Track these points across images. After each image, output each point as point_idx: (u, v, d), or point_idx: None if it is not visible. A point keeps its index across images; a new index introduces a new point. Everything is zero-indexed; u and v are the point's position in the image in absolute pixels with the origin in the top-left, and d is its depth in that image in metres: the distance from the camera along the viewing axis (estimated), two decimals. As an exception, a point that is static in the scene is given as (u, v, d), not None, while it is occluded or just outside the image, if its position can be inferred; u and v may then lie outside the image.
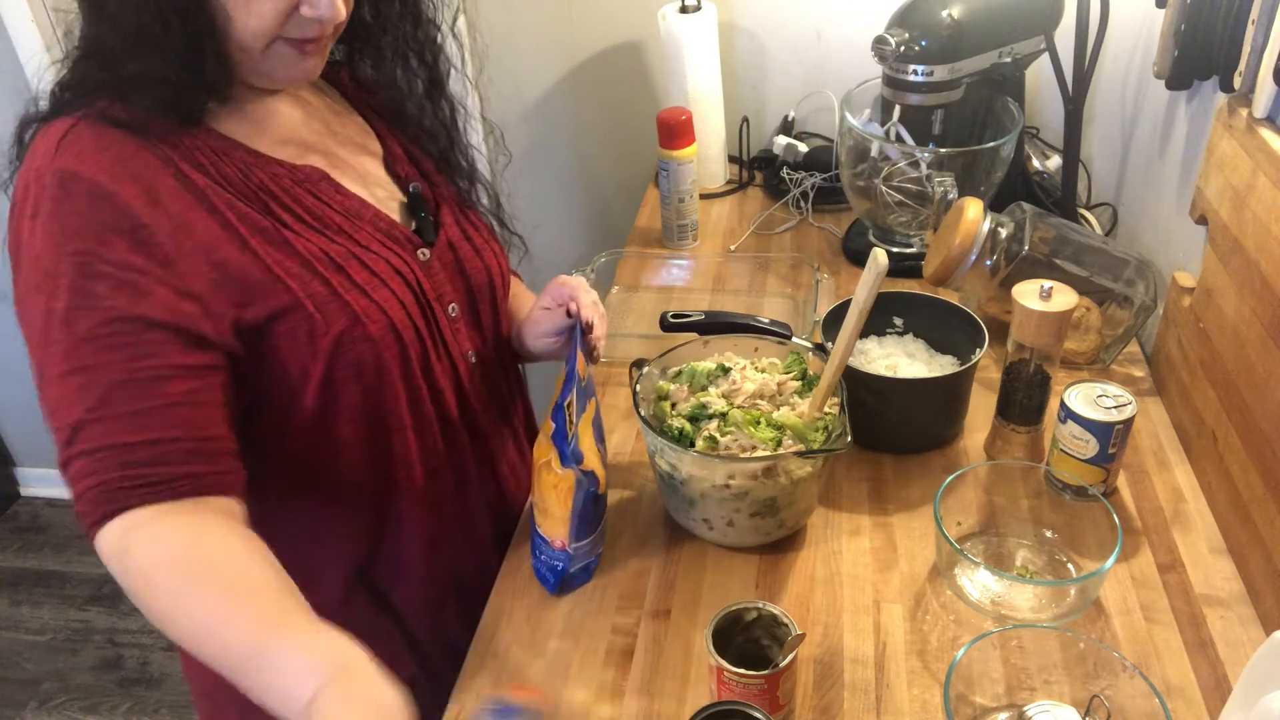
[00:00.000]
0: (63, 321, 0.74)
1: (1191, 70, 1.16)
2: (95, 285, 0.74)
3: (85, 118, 0.76)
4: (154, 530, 0.73)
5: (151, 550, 0.73)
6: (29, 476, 2.72)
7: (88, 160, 0.74)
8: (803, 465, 0.92)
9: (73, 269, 0.73)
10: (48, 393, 0.76)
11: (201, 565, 0.72)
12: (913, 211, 1.35)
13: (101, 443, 0.74)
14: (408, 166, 0.98)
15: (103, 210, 0.74)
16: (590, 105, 1.83)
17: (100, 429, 0.74)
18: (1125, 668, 0.77)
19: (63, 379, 0.75)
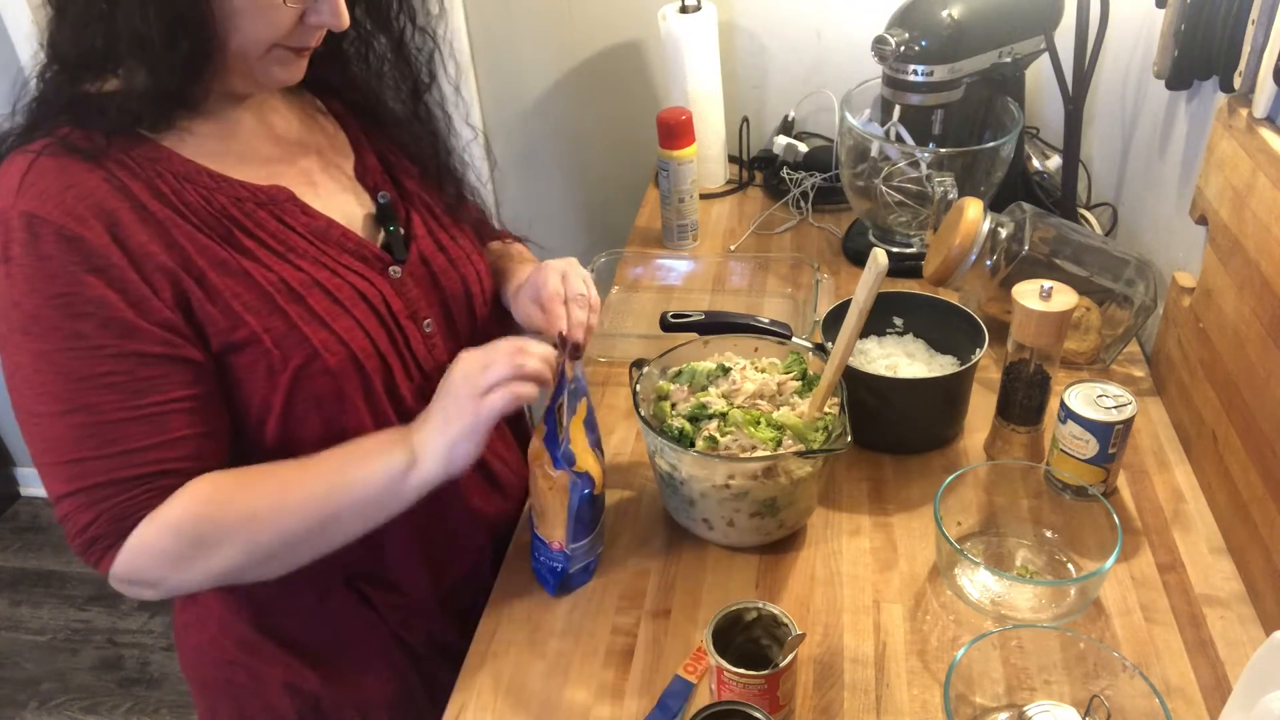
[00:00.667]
0: (54, 363, 0.75)
1: (1191, 70, 1.16)
2: (81, 325, 0.75)
3: (46, 150, 0.76)
4: (182, 500, 0.78)
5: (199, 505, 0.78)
6: (29, 476, 2.72)
7: (49, 202, 0.74)
8: (803, 465, 0.92)
9: (55, 311, 0.74)
10: (43, 430, 0.77)
11: (245, 486, 0.80)
12: (913, 211, 1.35)
13: (111, 477, 0.76)
14: (379, 176, 0.96)
15: (72, 252, 0.74)
16: (590, 105, 1.83)
17: (107, 464, 0.76)
18: (1125, 668, 0.77)
19: (60, 417, 0.76)
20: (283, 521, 0.80)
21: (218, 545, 0.78)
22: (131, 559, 0.78)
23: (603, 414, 1.19)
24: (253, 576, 0.83)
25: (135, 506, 0.77)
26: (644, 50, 1.75)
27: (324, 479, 0.81)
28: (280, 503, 0.80)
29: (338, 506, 0.81)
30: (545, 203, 1.97)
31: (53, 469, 0.77)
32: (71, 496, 0.77)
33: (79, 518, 0.77)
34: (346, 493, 0.81)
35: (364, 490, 0.81)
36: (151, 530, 0.77)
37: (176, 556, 0.78)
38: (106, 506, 0.77)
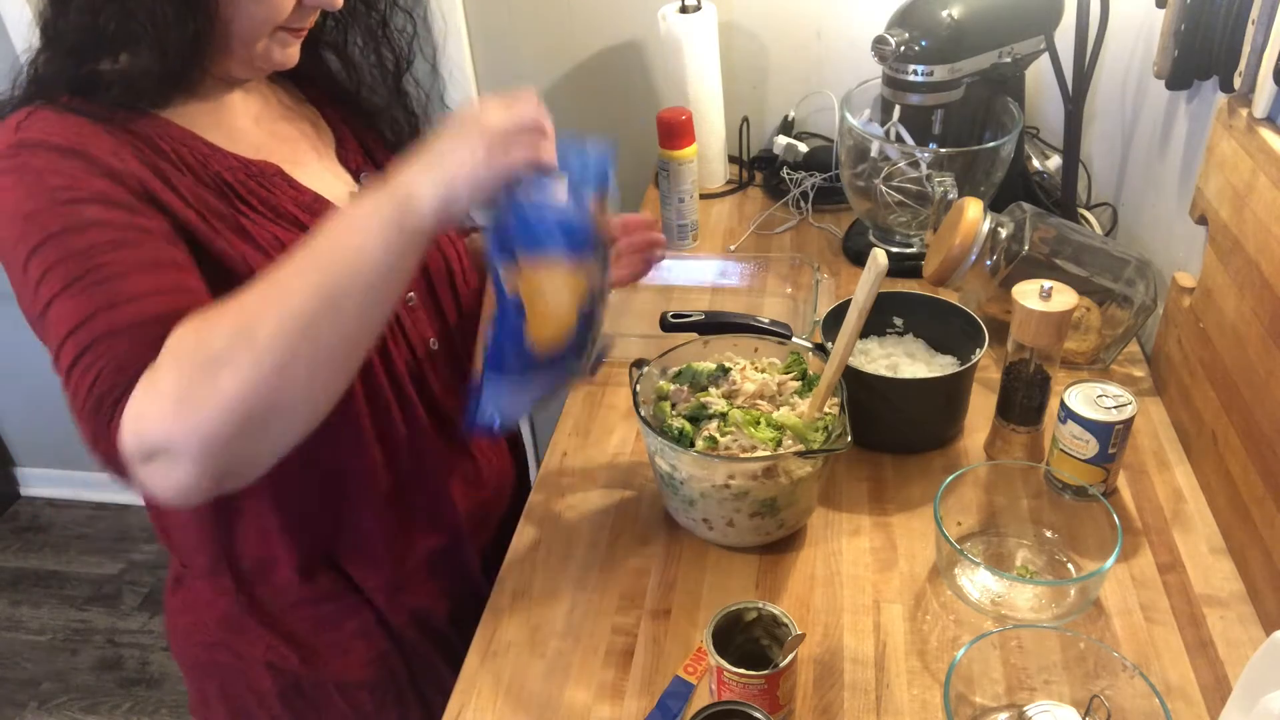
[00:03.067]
0: (57, 247, 0.70)
1: (1191, 70, 1.16)
2: (85, 210, 0.72)
3: (42, 105, 0.76)
4: (173, 335, 0.67)
5: (187, 330, 0.67)
6: (29, 476, 2.72)
7: (51, 129, 0.74)
8: (803, 465, 0.92)
9: (56, 204, 0.71)
10: (54, 317, 0.70)
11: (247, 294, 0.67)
12: (913, 211, 1.35)
13: (110, 327, 0.69)
14: (359, 158, 0.98)
15: (73, 161, 0.73)
16: (590, 105, 1.83)
17: (107, 317, 0.69)
18: (1125, 668, 0.77)
19: (65, 294, 0.69)
20: (277, 312, 0.65)
21: (219, 361, 0.64)
22: (134, 413, 0.65)
23: (603, 414, 1.19)
24: (276, 407, 0.66)
25: (136, 353, 0.67)
26: (644, 50, 1.75)
27: (308, 258, 0.67)
28: (268, 294, 0.66)
29: (335, 282, 0.66)
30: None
31: (62, 351, 0.69)
32: (76, 364, 0.68)
33: (83, 381, 0.68)
34: (340, 263, 0.66)
35: (358, 254, 0.66)
36: (151, 374, 0.66)
37: (181, 393, 0.64)
38: (107, 360, 0.68)
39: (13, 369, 2.45)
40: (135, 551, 2.53)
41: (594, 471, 1.11)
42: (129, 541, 2.56)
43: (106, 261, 0.71)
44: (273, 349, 0.64)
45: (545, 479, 1.11)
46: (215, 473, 0.66)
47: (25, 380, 2.47)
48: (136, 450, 0.66)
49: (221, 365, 0.64)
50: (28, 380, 2.47)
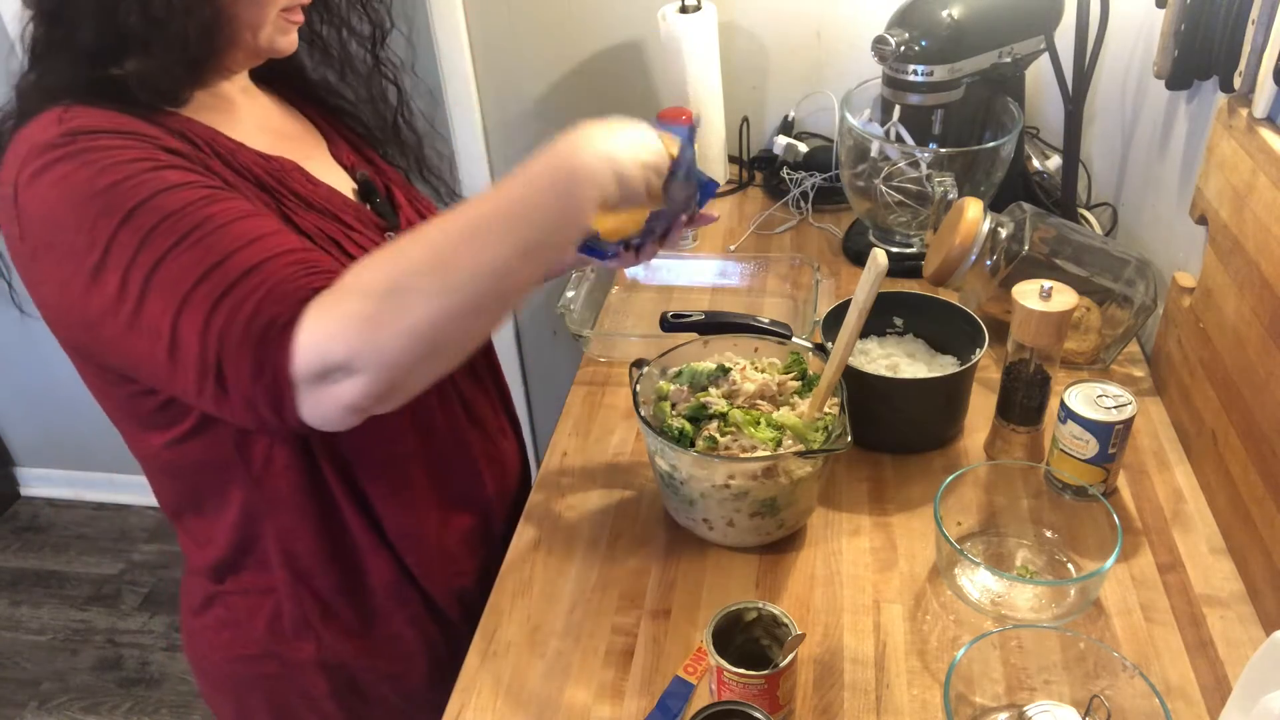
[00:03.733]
0: (152, 209, 0.69)
1: (1191, 70, 1.16)
2: (168, 175, 0.71)
3: (74, 103, 0.75)
4: (354, 266, 0.70)
5: (373, 261, 0.70)
6: (29, 476, 2.72)
7: (97, 119, 0.73)
8: (803, 465, 0.92)
9: (137, 171, 0.70)
10: (165, 275, 0.69)
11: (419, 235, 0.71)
12: (913, 211, 1.35)
13: (261, 257, 0.70)
14: (351, 154, 0.98)
15: (134, 139, 0.72)
16: (590, 105, 1.83)
17: (248, 253, 0.70)
18: (1125, 668, 0.77)
19: (178, 248, 0.69)
20: (477, 256, 0.69)
21: (411, 290, 0.68)
22: (317, 332, 0.67)
23: (603, 414, 1.19)
24: (453, 337, 0.71)
25: (293, 279, 0.70)
26: (644, 50, 1.75)
27: (511, 211, 0.72)
28: (468, 238, 0.70)
29: (535, 238, 0.71)
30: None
31: (190, 306, 0.68)
32: (220, 304, 0.68)
33: (237, 315, 0.68)
34: (541, 222, 0.72)
35: (558, 215, 0.73)
36: (330, 298, 0.68)
37: (366, 316, 0.67)
38: (264, 290, 0.68)
39: (13, 369, 2.46)
40: (135, 551, 2.53)
41: (594, 471, 1.11)
42: (129, 541, 2.56)
43: (213, 213, 0.71)
44: (465, 287, 0.69)
45: (545, 479, 1.11)
46: (383, 392, 0.69)
47: (25, 380, 2.47)
48: (317, 368, 0.67)
49: (413, 294, 0.67)
50: (28, 380, 2.47)
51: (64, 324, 0.76)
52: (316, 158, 0.94)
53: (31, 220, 0.71)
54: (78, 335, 0.76)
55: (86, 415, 2.47)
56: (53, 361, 2.39)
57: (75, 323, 0.74)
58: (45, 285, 0.74)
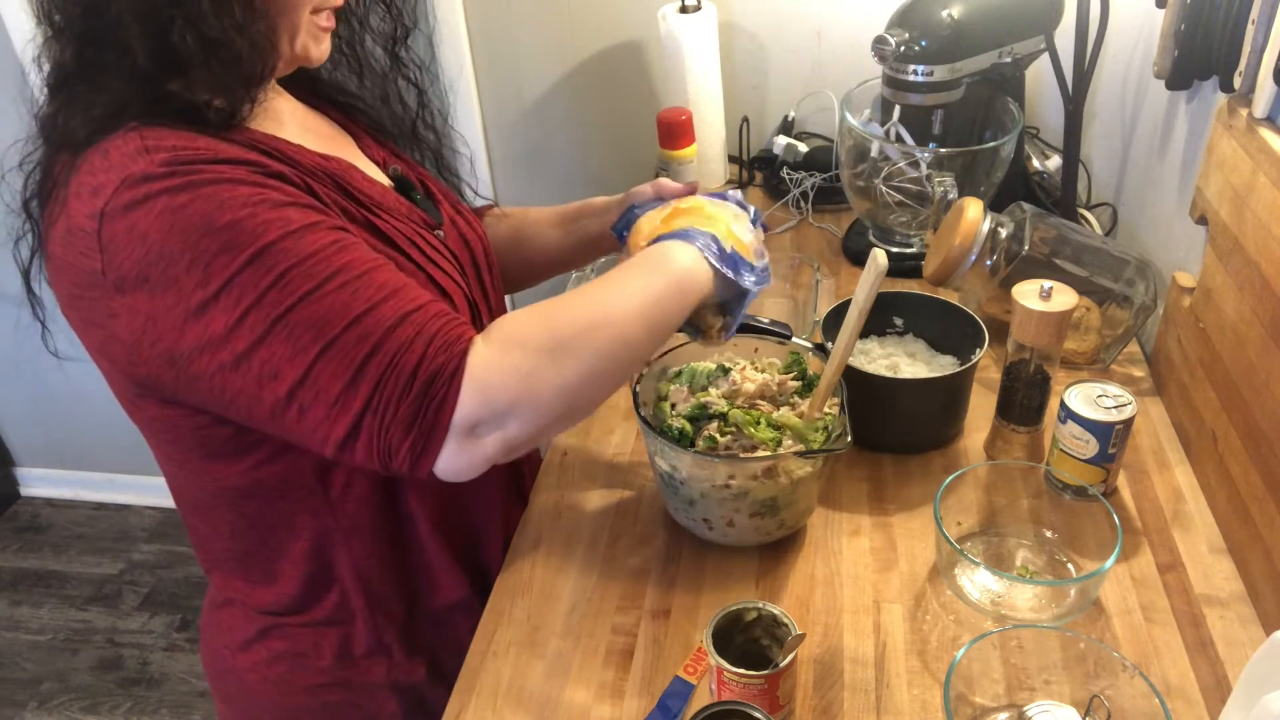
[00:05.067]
0: (281, 252, 0.68)
1: (1191, 70, 1.16)
2: (288, 213, 0.71)
3: (143, 124, 0.72)
4: (512, 319, 0.76)
5: (535, 317, 0.76)
6: (29, 476, 2.72)
7: (184, 142, 0.71)
8: (803, 465, 0.92)
9: (257, 209, 0.69)
10: (299, 321, 0.69)
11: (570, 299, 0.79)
12: (913, 211, 1.35)
13: (411, 305, 0.72)
14: (380, 150, 0.98)
15: (241, 168, 0.71)
16: (590, 105, 1.83)
17: (396, 303, 0.71)
18: (1125, 668, 0.77)
19: (315, 296, 0.69)
20: (617, 328, 0.77)
21: (566, 354, 0.74)
22: (482, 383, 0.70)
23: (603, 414, 1.19)
24: (588, 398, 0.78)
25: (456, 329, 0.72)
26: (644, 50, 1.75)
27: (647, 291, 0.80)
28: (609, 309, 0.78)
29: (661, 319, 0.81)
30: (545, 202, 1.95)
31: (334, 351, 0.68)
32: (376, 354, 0.69)
33: (404, 366, 0.69)
34: (667, 306, 0.81)
35: (678, 301, 0.82)
36: (492, 350, 0.72)
37: (529, 371, 0.72)
38: (428, 335, 0.70)
39: (13, 369, 2.45)
40: (135, 551, 2.53)
41: (594, 471, 1.11)
42: (129, 541, 2.56)
43: (350, 261, 0.71)
44: (605, 353, 0.76)
45: (545, 479, 1.11)
46: (524, 444, 0.75)
47: (25, 380, 2.47)
48: (480, 416, 0.71)
49: (569, 356, 0.74)
50: (28, 380, 2.47)
51: (138, 359, 0.72)
52: (357, 156, 0.93)
53: (121, 252, 0.68)
54: (154, 369, 0.72)
55: (86, 415, 2.49)
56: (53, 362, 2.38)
57: (156, 356, 0.71)
58: (124, 318, 0.71)
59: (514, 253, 1.13)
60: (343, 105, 0.99)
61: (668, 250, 0.84)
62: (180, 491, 0.89)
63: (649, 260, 0.83)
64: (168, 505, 2.56)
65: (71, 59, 0.74)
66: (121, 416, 0.87)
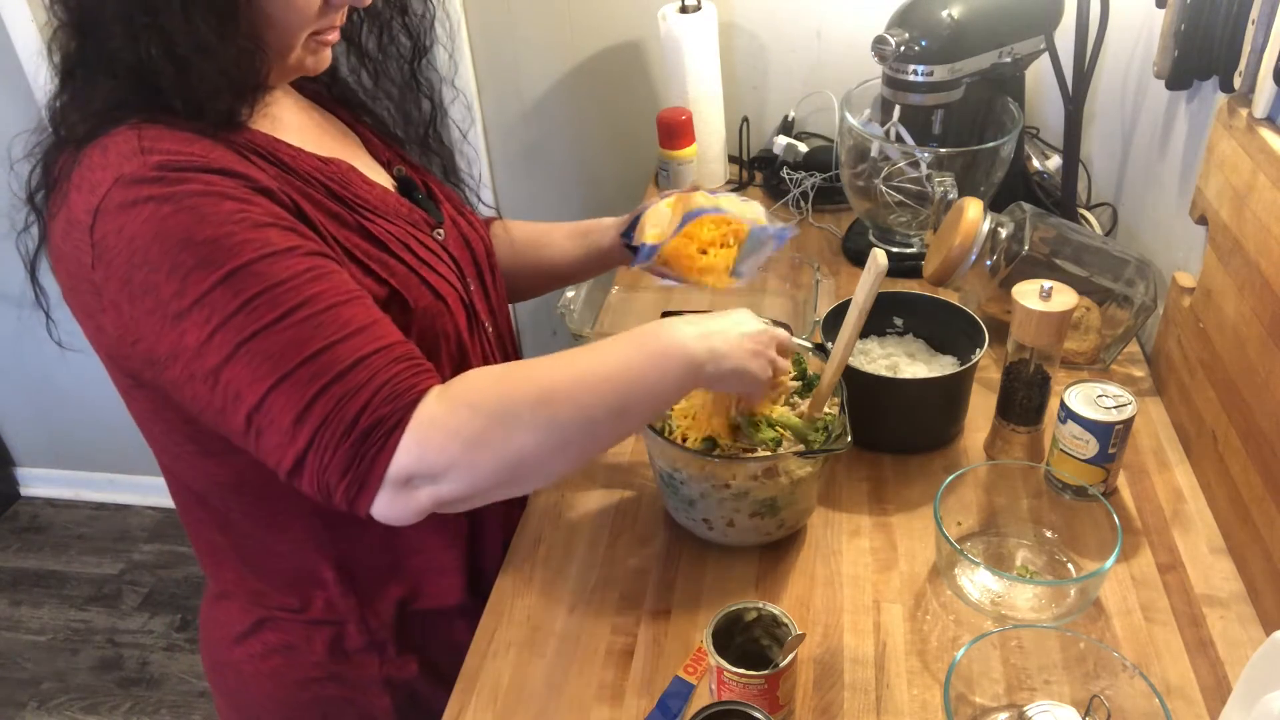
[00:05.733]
0: (253, 274, 0.69)
1: (1191, 70, 1.16)
2: (268, 234, 0.71)
3: (143, 122, 0.73)
4: (469, 379, 0.74)
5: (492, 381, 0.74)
6: (29, 476, 2.72)
7: (178, 146, 0.71)
8: (803, 465, 0.92)
9: (238, 227, 0.69)
10: (260, 351, 0.69)
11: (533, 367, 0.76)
12: (913, 211, 1.35)
13: (368, 349, 0.71)
14: (387, 151, 0.98)
15: (230, 180, 0.72)
16: (590, 105, 1.83)
17: (355, 343, 0.71)
18: (1125, 668, 0.77)
19: (277, 327, 0.69)
20: (577, 405, 0.74)
21: (517, 422, 0.72)
22: (422, 440, 0.70)
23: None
24: (535, 471, 0.76)
25: (409, 378, 0.71)
26: (644, 50, 1.75)
27: (614, 373, 0.77)
28: (573, 385, 0.75)
29: (628, 403, 0.77)
30: (545, 203, 1.97)
31: (288, 385, 0.69)
32: (324, 393, 0.69)
33: (346, 410, 0.68)
34: (638, 390, 0.78)
35: (655, 389, 0.79)
36: (441, 408, 0.71)
37: (473, 436, 0.71)
38: (378, 383, 0.70)
39: (13, 369, 2.45)
40: (135, 551, 2.53)
41: (594, 471, 1.11)
42: (129, 541, 2.56)
43: (320, 292, 0.71)
44: (562, 429, 0.74)
45: (545, 479, 1.11)
46: (456, 503, 0.73)
47: (25, 380, 2.47)
48: (412, 472, 0.70)
49: (520, 428, 0.72)
50: (28, 380, 2.47)
51: (123, 354, 0.74)
52: (359, 157, 0.93)
53: (110, 250, 0.70)
54: (136, 366, 0.74)
55: (86, 415, 2.48)
56: (53, 362, 2.39)
57: (137, 355, 0.73)
58: (110, 315, 0.72)
59: (528, 261, 1.13)
60: (355, 106, 1.00)
61: (654, 331, 0.80)
62: (174, 483, 0.90)
63: (631, 338, 0.80)
64: (168, 505, 2.56)
65: (75, 51, 0.76)
66: (121, 416, 0.87)
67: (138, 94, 0.74)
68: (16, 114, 0.80)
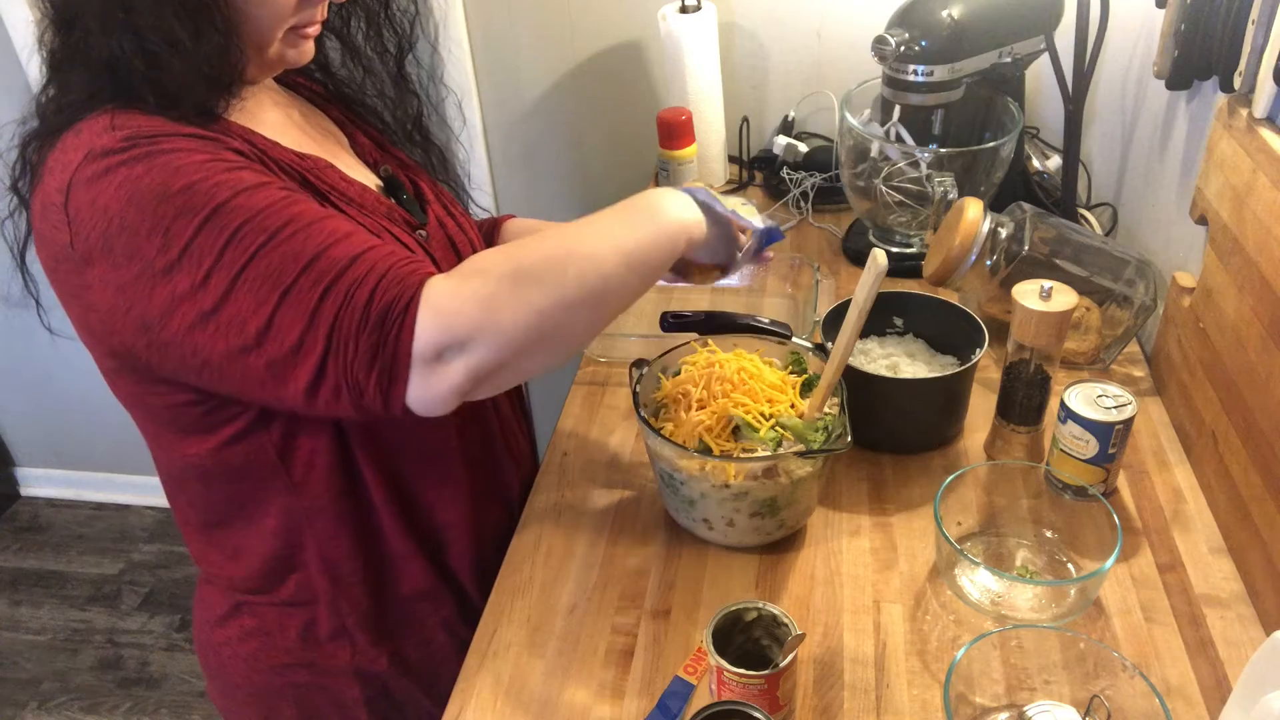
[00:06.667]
0: (236, 209, 0.70)
1: (1191, 70, 1.16)
2: (244, 175, 0.72)
3: (117, 108, 0.74)
4: (477, 255, 0.76)
5: (499, 250, 0.76)
6: (29, 476, 2.72)
7: (149, 123, 0.73)
8: (803, 465, 0.92)
9: (213, 172, 0.70)
10: (259, 272, 0.70)
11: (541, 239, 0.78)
12: (913, 211, 1.35)
13: (363, 246, 0.72)
14: (375, 152, 0.98)
15: (198, 140, 0.73)
16: (590, 105, 1.83)
17: (349, 244, 0.72)
18: (1125, 668, 0.77)
19: (270, 245, 0.70)
20: (589, 260, 0.77)
21: (530, 279, 0.73)
22: (440, 309, 0.70)
23: (603, 414, 1.19)
24: (559, 329, 0.76)
25: (409, 265, 0.72)
26: (644, 50, 1.75)
27: (625, 227, 0.81)
28: (583, 243, 0.78)
29: (641, 256, 0.81)
30: (545, 203, 1.97)
31: (293, 295, 0.69)
32: (331, 291, 0.69)
33: (356, 299, 0.69)
34: (649, 241, 0.81)
35: (664, 241, 0.82)
36: (450, 281, 0.72)
37: (488, 296, 0.72)
38: (377, 276, 0.70)
39: (13, 369, 2.45)
40: (135, 551, 2.53)
41: (594, 471, 1.11)
42: (129, 541, 2.56)
43: (300, 211, 0.72)
44: (576, 285, 0.75)
45: (545, 479, 1.11)
46: (492, 370, 0.73)
47: (25, 380, 2.47)
48: (440, 344, 0.71)
49: (532, 283, 0.73)
50: (28, 380, 2.47)
51: (113, 329, 0.74)
52: (341, 156, 0.93)
53: (87, 224, 0.70)
54: (128, 339, 0.74)
55: (86, 415, 2.48)
56: (53, 361, 2.39)
57: (129, 326, 0.73)
58: (97, 289, 0.72)
59: None
60: (351, 102, 1.01)
61: (659, 197, 0.84)
62: (159, 466, 0.92)
63: (637, 205, 0.83)
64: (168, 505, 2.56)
65: (59, 45, 0.77)
66: (122, 416, 0.87)
67: (114, 86, 0.75)
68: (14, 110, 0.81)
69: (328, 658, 0.96)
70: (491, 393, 0.76)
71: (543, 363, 0.77)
